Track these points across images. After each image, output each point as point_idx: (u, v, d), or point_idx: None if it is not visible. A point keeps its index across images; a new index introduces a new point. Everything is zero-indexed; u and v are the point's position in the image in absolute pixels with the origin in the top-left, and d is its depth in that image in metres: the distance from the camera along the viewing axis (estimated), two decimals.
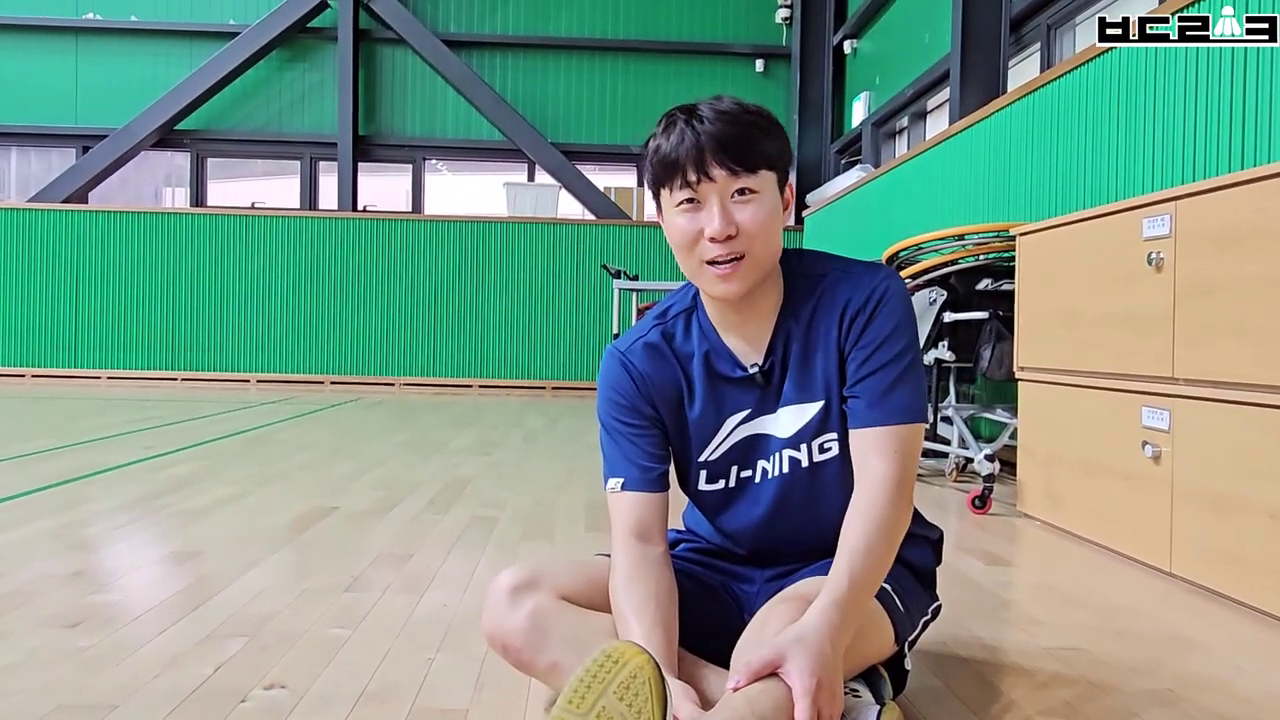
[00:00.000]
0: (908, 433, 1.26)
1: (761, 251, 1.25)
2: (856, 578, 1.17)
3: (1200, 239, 2.16)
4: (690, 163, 1.22)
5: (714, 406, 1.36)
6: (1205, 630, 1.89)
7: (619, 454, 1.36)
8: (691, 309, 1.39)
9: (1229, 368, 2.05)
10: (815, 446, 1.35)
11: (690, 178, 1.22)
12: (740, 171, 1.22)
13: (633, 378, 1.37)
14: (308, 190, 9.60)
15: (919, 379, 1.30)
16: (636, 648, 1.03)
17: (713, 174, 1.22)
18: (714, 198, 1.23)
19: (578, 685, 0.98)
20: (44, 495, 3.00)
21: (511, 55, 9.48)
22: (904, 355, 1.28)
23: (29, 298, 8.38)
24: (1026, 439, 2.99)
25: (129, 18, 9.34)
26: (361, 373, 8.46)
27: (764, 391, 1.35)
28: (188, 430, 4.90)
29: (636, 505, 1.32)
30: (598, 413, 1.41)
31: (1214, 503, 2.09)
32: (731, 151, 1.21)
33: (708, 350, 1.36)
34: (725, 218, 1.22)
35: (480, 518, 2.82)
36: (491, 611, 1.30)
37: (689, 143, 1.22)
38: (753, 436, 1.37)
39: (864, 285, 1.30)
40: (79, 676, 1.47)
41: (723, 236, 1.22)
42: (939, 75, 6.24)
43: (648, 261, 8.53)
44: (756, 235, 1.23)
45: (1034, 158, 3.93)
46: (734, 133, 1.22)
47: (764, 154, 1.24)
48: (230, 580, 2.05)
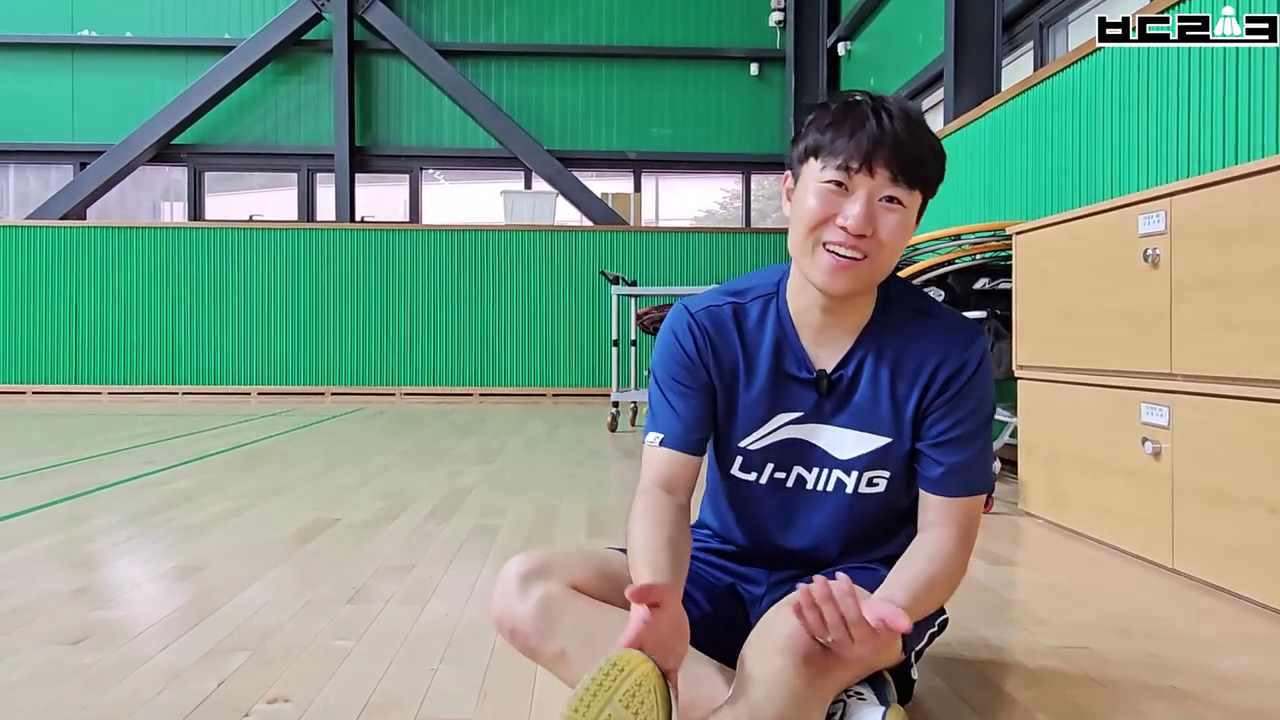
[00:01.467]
0: (977, 502, 1.31)
1: (884, 262, 1.24)
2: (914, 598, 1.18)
3: (1196, 234, 2.16)
4: (861, 151, 1.20)
5: (769, 398, 1.35)
6: (1209, 626, 1.88)
7: (667, 410, 1.36)
8: (773, 295, 1.37)
9: (1227, 362, 2.05)
10: (865, 478, 1.35)
11: (853, 164, 1.20)
12: (901, 181, 1.21)
13: (696, 341, 1.36)
14: (305, 202, 9.61)
15: (991, 449, 1.34)
16: (642, 656, 1.03)
17: (876, 171, 1.20)
18: (864, 193, 1.21)
19: (583, 694, 0.97)
20: (46, 512, 3.00)
21: (506, 64, 9.50)
22: (985, 427, 1.32)
23: (29, 315, 8.39)
24: (1027, 438, 2.99)
25: (124, 34, 9.35)
26: (362, 383, 8.46)
27: (822, 399, 1.34)
28: (189, 444, 4.90)
29: (670, 462, 1.33)
30: (652, 365, 1.40)
31: (1215, 498, 2.09)
32: (903, 159, 1.20)
33: (780, 342, 1.35)
34: (868, 216, 1.20)
35: (482, 526, 2.82)
36: (501, 597, 1.30)
37: (870, 132, 1.20)
38: (798, 441, 1.36)
39: (962, 346, 1.30)
40: (83, 694, 1.47)
41: (858, 232, 1.20)
42: (933, 76, 6.25)
43: (646, 267, 8.53)
44: (886, 245, 1.22)
45: (1029, 156, 3.93)
46: (913, 142, 1.21)
47: (927, 175, 1.23)
48: (233, 594, 2.05)
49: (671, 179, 10.05)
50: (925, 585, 1.21)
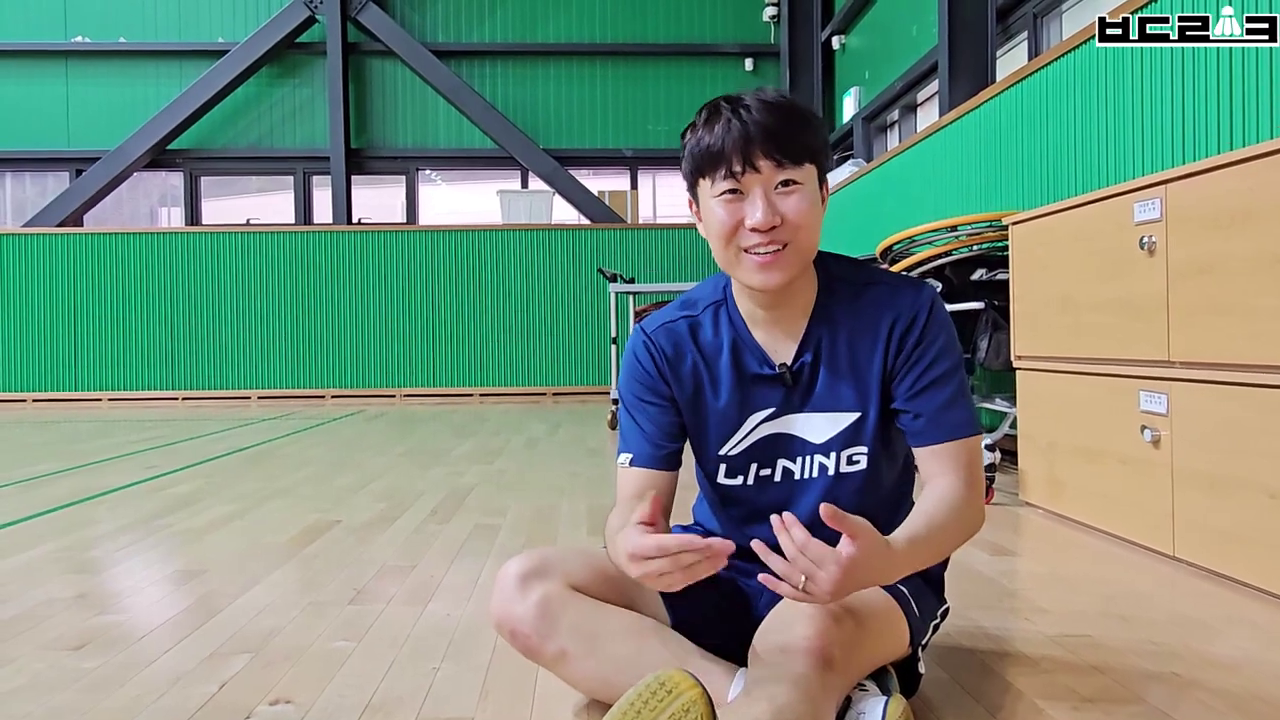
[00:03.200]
0: (971, 444, 1.30)
1: (804, 242, 1.25)
2: (933, 534, 1.18)
3: (1191, 221, 2.16)
4: (736, 153, 1.21)
5: (738, 402, 1.36)
6: (1209, 612, 1.88)
7: (634, 431, 1.37)
8: (721, 301, 1.39)
9: (1224, 349, 2.05)
10: (844, 457, 1.35)
11: (735, 168, 1.22)
12: (786, 163, 1.21)
13: (654, 357, 1.38)
14: (302, 205, 9.61)
15: (969, 393, 1.33)
16: (691, 679, 1.02)
17: (759, 165, 1.21)
18: (758, 189, 1.22)
19: (628, 709, 0.96)
20: (47, 519, 3.00)
21: (501, 63, 9.49)
22: (955, 372, 1.31)
23: (27, 323, 8.39)
24: (1026, 427, 2.99)
25: (118, 40, 9.35)
26: (362, 385, 8.46)
27: (790, 391, 1.35)
28: (189, 449, 4.90)
29: (643, 481, 1.34)
30: (619, 390, 1.43)
31: (1214, 484, 2.09)
32: (779, 143, 1.21)
33: (736, 345, 1.36)
34: (770, 208, 1.21)
35: (483, 526, 2.82)
36: (501, 598, 1.30)
37: (736, 133, 1.21)
38: (776, 435, 1.37)
39: (909, 303, 1.31)
40: (84, 699, 1.47)
41: (767, 227, 1.21)
42: (928, 67, 6.25)
43: (643, 264, 8.53)
44: (800, 226, 1.23)
45: (1025, 146, 3.93)
46: (781, 124, 1.21)
47: (809, 146, 1.24)
48: (234, 597, 2.05)
49: (668, 176, 10.04)
50: (925, 525, 1.19)
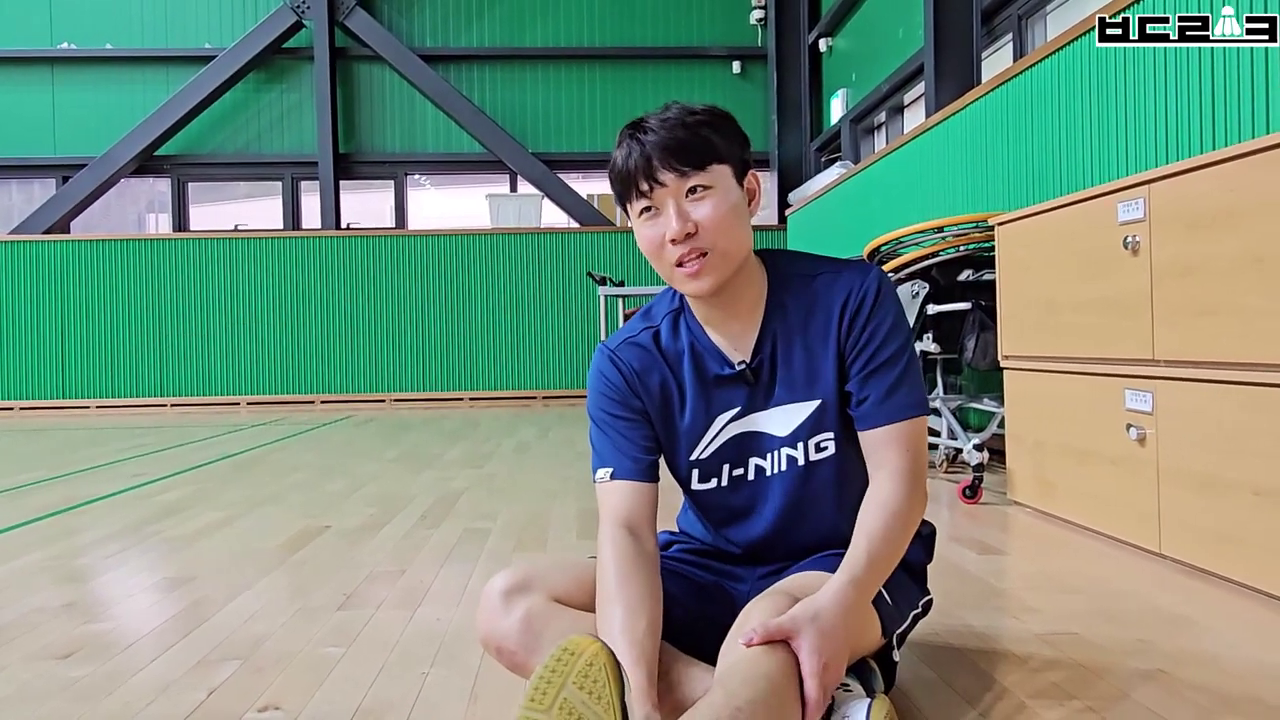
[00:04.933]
0: (915, 426, 1.31)
1: (725, 245, 1.26)
2: (874, 559, 1.21)
3: (1174, 221, 2.17)
4: (640, 173, 1.25)
5: (703, 405, 1.37)
6: (1196, 609, 1.90)
7: (609, 445, 1.37)
8: (679, 310, 1.41)
9: (1208, 347, 2.07)
10: (812, 445, 1.36)
11: (643, 187, 1.26)
12: (688, 171, 1.25)
13: (622, 373, 1.39)
14: (290, 210, 9.58)
15: (918, 372, 1.35)
16: (590, 638, 1.03)
17: (662, 179, 1.25)
18: (669, 201, 1.25)
19: (538, 683, 0.99)
20: (35, 527, 2.99)
21: (489, 67, 9.49)
22: (903, 352, 1.32)
23: (15, 330, 8.35)
24: (1014, 427, 3.01)
25: (104, 46, 9.31)
26: (352, 391, 8.44)
27: (753, 389, 1.36)
28: (178, 456, 4.88)
29: (626, 494, 1.33)
30: (588, 408, 1.43)
31: (1200, 482, 2.10)
32: (676, 154, 1.24)
33: (695, 349, 1.37)
34: (682, 218, 1.24)
35: (472, 530, 2.82)
36: (485, 614, 1.31)
37: (636, 154, 1.26)
38: (744, 434, 1.38)
39: (858, 284, 1.32)
40: (72, 708, 1.46)
41: (681, 236, 1.24)
42: (914, 69, 6.27)
43: (633, 267, 8.54)
44: (715, 229, 1.25)
45: (1010, 147, 3.95)
46: (677, 136, 1.25)
47: (711, 150, 1.26)
48: (223, 604, 2.05)
49: None
50: (882, 540, 1.22)
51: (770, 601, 1.18)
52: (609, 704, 0.96)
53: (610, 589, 1.23)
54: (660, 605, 1.25)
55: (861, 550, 1.21)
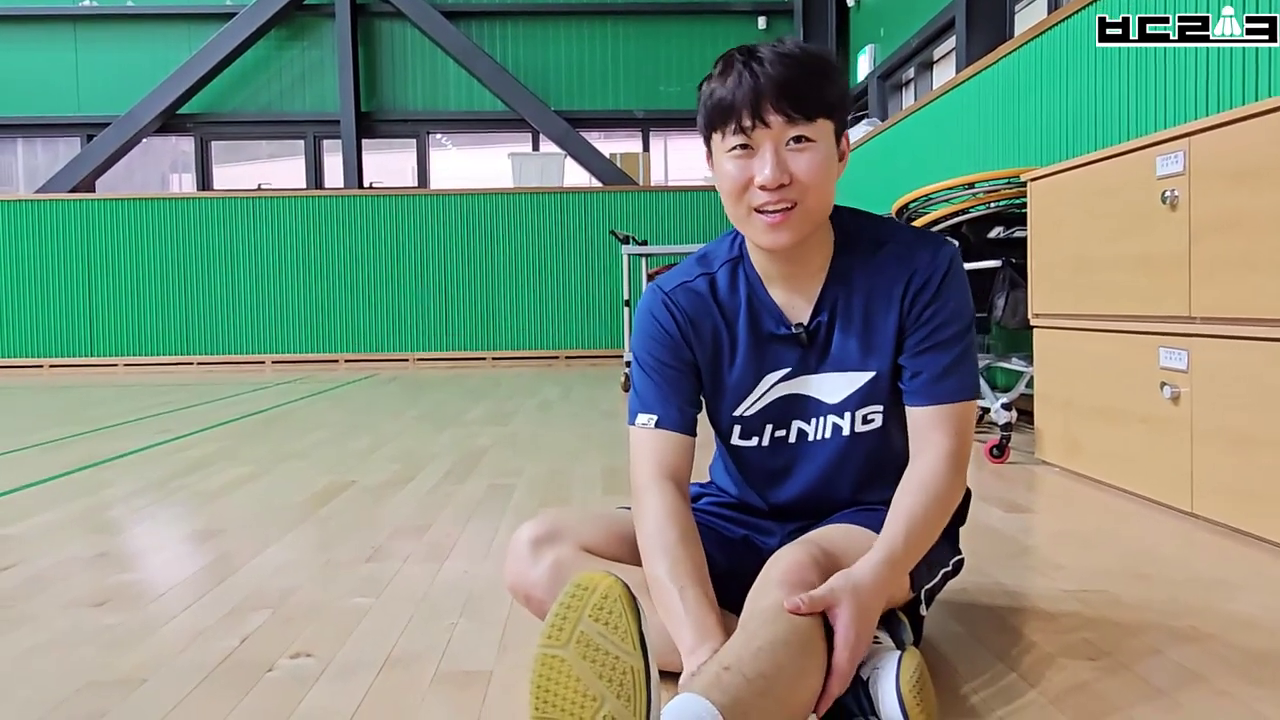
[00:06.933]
0: (965, 410, 1.29)
1: (815, 202, 1.22)
2: (912, 541, 1.20)
3: (1215, 175, 2.12)
4: (747, 107, 1.18)
5: (754, 362, 1.34)
6: (1228, 568, 1.87)
7: (655, 392, 1.34)
8: (738, 259, 1.36)
9: (1247, 303, 2.02)
10: (859, 416, 1.34)
11: (745, 123, 1.19)
12: (798, 119, 1.18)
13: (676, 319, 1.35)
14: (313, 170, 9.58)
15: (975, 357, 1.32)
16: (603, 573, 1.03)
17: (769, 120, 1.18)
18: (768, 144, 1.19)
19: (553, 619, 0.98)
20: (66, 481, 3.03)
21: (511, 24, 9.39)
22: (964, 335, 1.29)
23: (42, 289, 8.43)
24: (1043, 386, 2.97)
25: (125, 4, 9.29)
26: (375, 350, 8.49)
27: (806, 351, 1.33)
28: (204, 413, 4.93)
29: (669, 444, 1.31)
30: (633, 348, 1.39)
31: (1234, 441, 2.07)
32: (791, 98, 1.17)
33: (752, 303, 1.34)
34: (779, 166, 1.19)
35: (497, 486, 2.82)
36: (514, 563, 1.30)
37: (747, 86, 1.18)
38: (791, 396, 1.35)
39: (928, 260, 1.29)
40: (106, 654, 1.48)
41: (775, 185, 1.19)
42: (944, 24, 6.14)
43: (656, 226, 8.49)
44: (810, 185, 1.20)
45: (1044, 101, 3.87)
46: (794, 77, 1.18)
47: (824, 101, 1.20)
48: (252, 556, 2.07)
49: (680, 138, 9.96)
50: (921, 521, 1.21)
51: (800, 549, 1.18)
52: (626, 633, 0.96)
53: (672, 542, 1.22)
54: (703, 557, 1.24)
55: (900, 531, 1.19)
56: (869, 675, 1.11)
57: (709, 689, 0.94)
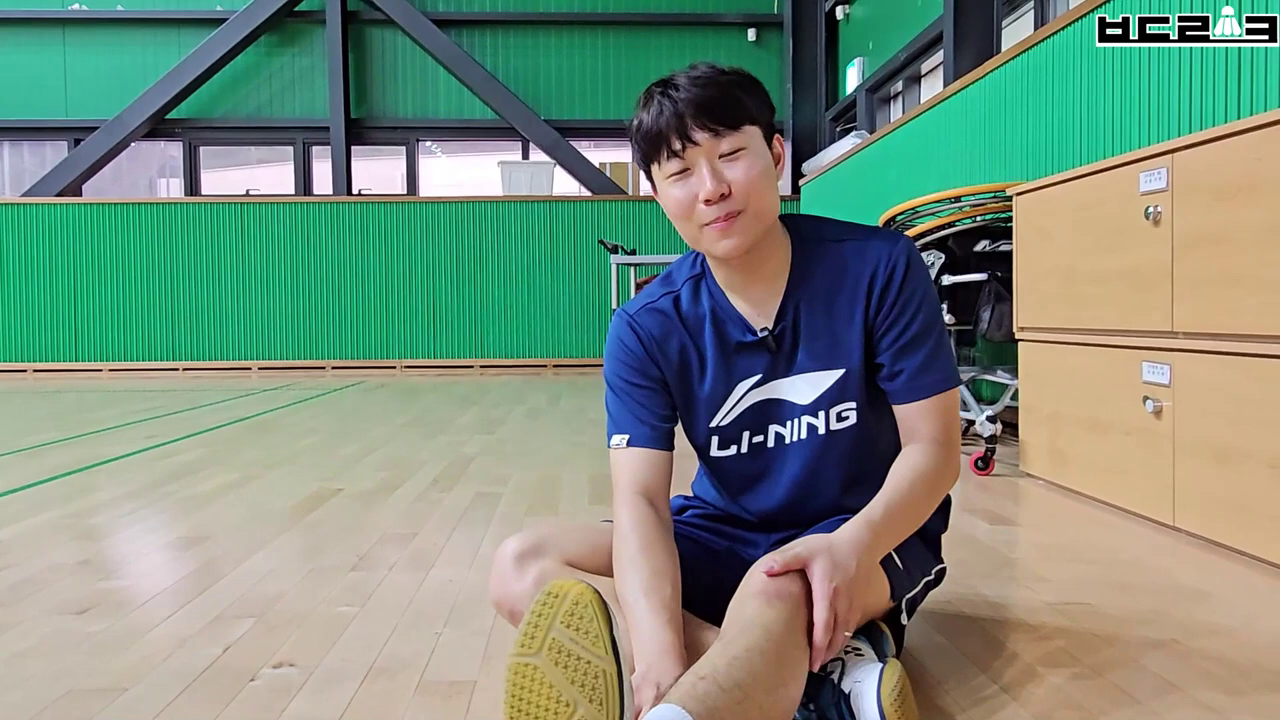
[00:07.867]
0: (948, 399, 1.32)
1: (757, 205, 1.24)
2: (892, 510, 1.22)
3: (1198, 191, 2.15)
4: (673, 131, 1.22)
5: (724, 372, 1.36)
6: (1209, 581, 1.89)
7: (625, 412, 1.36)
8: (700, 275, 1.39)
9: (1229, 319, 2.04)
10: (833, 415, 1.35)
11: (675, 146, 1.23)
12: (723, 131, 1.22)
13: (641, 340, 1.37)
14: (302, 176, 9.56)
15: (949, 343, 1.35)
16: (573, 580, 1.04)
17: (696, 138, 1.22)
18: (702, 161, 1.22)
19: (526, 628, 0.99)
20: (50, 486, 3.01)
21: (502, 33, 9.41)
22: (934, 325, 1.32)
23: (28, 293, 8.37)
24: (1028, 399, 2.99)
25: (115, 8, 9.26)
26: (362, 357, 8.46)
27: (775, 356, 1.35)
28: (191, 419, 4.91)
29: (643, 462, 1.32)
30: (605, 374, 1.41)
31: (1216, 455, 2.09)
32: (712, 113, 1.21)
33: (717, 315, 1.36)
34: (716, 178, 1.22)
35: (484, 494, 2.82)
36: (498, 578, 1.31)
37: (669, 112, 1.22)
38: (765, 401, 1.37)
39: (886, 255, 1.31)
40: (90, 661, 1.48)
41: (716, 197, 1.21)
42: (932, 38, 6.19)
43: (645, 236, 8.50)
44: (749, 190, 1.23)
45: (1030, 116, 3.90)
46: (711, 94, 1.22)
47: (745, 110, 1.24)
48: (237, 563, 2.06)
49: None
50: (906, 493, 1.24)
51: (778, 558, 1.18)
52: (598, 637, 0.97)
53: (632, 554, 1.22)
54: (679, 572, 1.24)
55: (881, 500, 1.23)
56: (850, 688, 1.12)
57: (685, 699, 0.95)
